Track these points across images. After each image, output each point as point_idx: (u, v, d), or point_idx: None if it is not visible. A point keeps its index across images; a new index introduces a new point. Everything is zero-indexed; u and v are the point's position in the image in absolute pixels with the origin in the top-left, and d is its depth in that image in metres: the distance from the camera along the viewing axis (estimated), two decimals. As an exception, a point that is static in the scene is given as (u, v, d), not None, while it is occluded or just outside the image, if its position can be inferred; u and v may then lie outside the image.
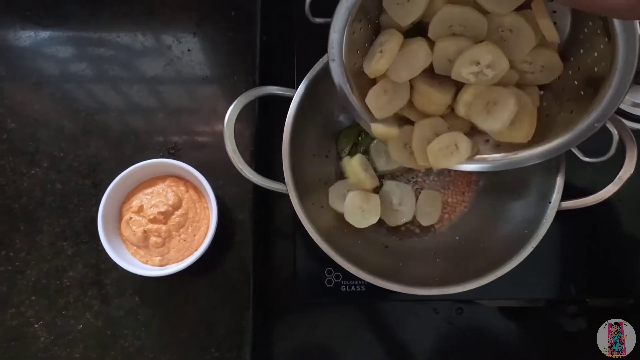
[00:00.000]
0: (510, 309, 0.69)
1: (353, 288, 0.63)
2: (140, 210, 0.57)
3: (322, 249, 0.53)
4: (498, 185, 0.62)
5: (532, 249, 0.52)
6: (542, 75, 0.49)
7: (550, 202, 0.53)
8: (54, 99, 0.67)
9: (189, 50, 0.68)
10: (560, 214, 0.54)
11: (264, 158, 0.66)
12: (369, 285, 0.55)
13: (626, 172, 0.53)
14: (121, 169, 0.58)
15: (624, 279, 0.65)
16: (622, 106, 0.69)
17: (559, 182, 0.54)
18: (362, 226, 0.58)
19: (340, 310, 0.68)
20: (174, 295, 0.61)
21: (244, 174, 0.54)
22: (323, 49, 0.57)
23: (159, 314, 0.61)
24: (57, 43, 0.69)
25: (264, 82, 0.68)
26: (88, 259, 0.62)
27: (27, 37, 0.69)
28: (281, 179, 0.55)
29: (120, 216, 0.59)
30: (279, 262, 0.68)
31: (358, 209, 0.58)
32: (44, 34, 0.69)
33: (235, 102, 0.54)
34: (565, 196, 0.54)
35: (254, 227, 0.63)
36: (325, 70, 0.56)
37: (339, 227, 0.60)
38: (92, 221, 0.58)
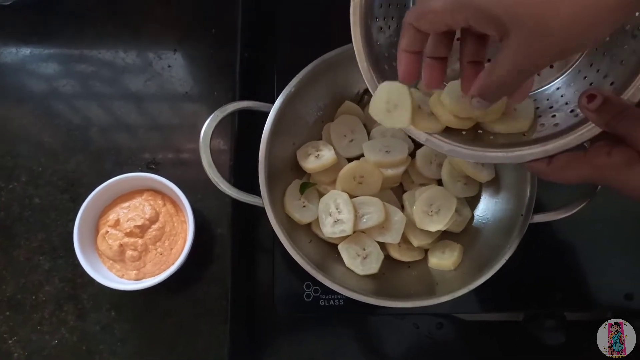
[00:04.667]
0: (489, 323, 0.69)
1: (332, 302, 0.63)
2: (116, 224, 0.57)
3: (299, 262, 0.54)
4: (473, 198, 0.63)
5: (505, 261, 0.53)
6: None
7: (522, 215, 0.54)
8: (35, 115, 0.67)
9: (169, 66, 0.69)
10: (535, 227, 0.55)
11: (244, 173, 0.66)
12: (347, 300, 0.55)
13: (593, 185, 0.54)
14: (100, 183, 0.58)
15: (602, 292, 0.65)
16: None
17: (531, 196, 0.55)
18: (362, 273, 0.58)
19: (322, 325, 0.68)
20: (151, 310, 0.61)
21: (219, 187, 0.54)
22: (302, 65, 0.59)
23: (136, 329, 0.60)
24: (39, 60, 0.70)
25: (244, 98, 0.69)
26: (64, 274, 0.61)
27: (8, 53, 0.70)
28: (260, 193, 0.55)
29: (97, 230, 0.58)
30: (259, 276, 0.68)
31: (357, 255, 0.58)
32: (26, 51, 0.70)
33: (211, 116, 0.54)
34: (537, 209, 0.55)
35: (233, 241, 0.63)
36: (303, 85, 0.58)
37: (317, 241, 0.60)
38: (69, 236, 0.58)
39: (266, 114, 0.57)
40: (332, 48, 0.59)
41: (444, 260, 0.58)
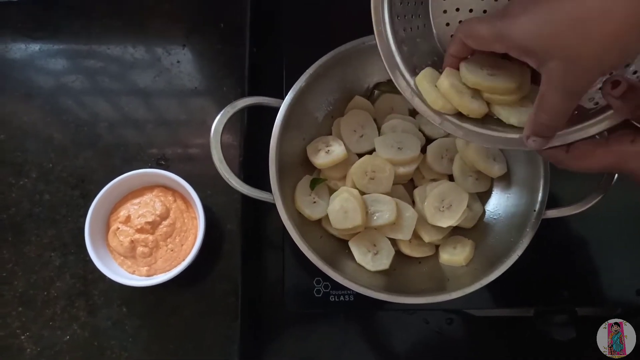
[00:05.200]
0: (500, 319, 0.68)
1: (342, 298, 0.63)
2: (127, 220, 0.57)
3: (310, 258, 0.53)
4: (484, 194, 0.62)
5: (517, 257, 0.52)
6: None
7: (535, 211, 0.54)
8: (44, 111, 0.67)
9: (178, 61, 0.69)
10: (546, 222, 0.54)
11: (254, 168, 0.66)
12: (357, 295, 0.54)
13: (609, 176, 0.53)
14: (110, 180, 0.58)
15: (613, 288, 0.65)
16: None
17: (544, 190, 0.54)
18: (373, 269, 0.57)
19: (331, 321, 0.68)
20: (161, 306, 0.61)
21: (230, 183, 0.54)
22: (311, 60, 0.58)
23: (147, 325, 0.60)
24: (47, 55, 0.70)
25: (253, 94, 0.69)
26: (75, 270, 0.61)
27: (17, 49, 0.70)
28: (270, 189, 0.55)
29: (107, 226, 0.58)
30: (268, 272, 0.68)
31: (368, 251, 0.58)
32: (35, 47, 0.70)
33: (222, 112, 0.54)
34: (550, 204, 0.54)
35: (242, 237, 0.63)
36: (313, 80, 0.58)
37: (327, 237, 0.60)
38: (80, 232, 0.58)
39: (275, 110, 0.57)
40: (340, 43, 0.59)
41: (455, 256, 0.57)
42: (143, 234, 0.57)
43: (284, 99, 0.57)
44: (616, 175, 0.53)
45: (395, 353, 0.68)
